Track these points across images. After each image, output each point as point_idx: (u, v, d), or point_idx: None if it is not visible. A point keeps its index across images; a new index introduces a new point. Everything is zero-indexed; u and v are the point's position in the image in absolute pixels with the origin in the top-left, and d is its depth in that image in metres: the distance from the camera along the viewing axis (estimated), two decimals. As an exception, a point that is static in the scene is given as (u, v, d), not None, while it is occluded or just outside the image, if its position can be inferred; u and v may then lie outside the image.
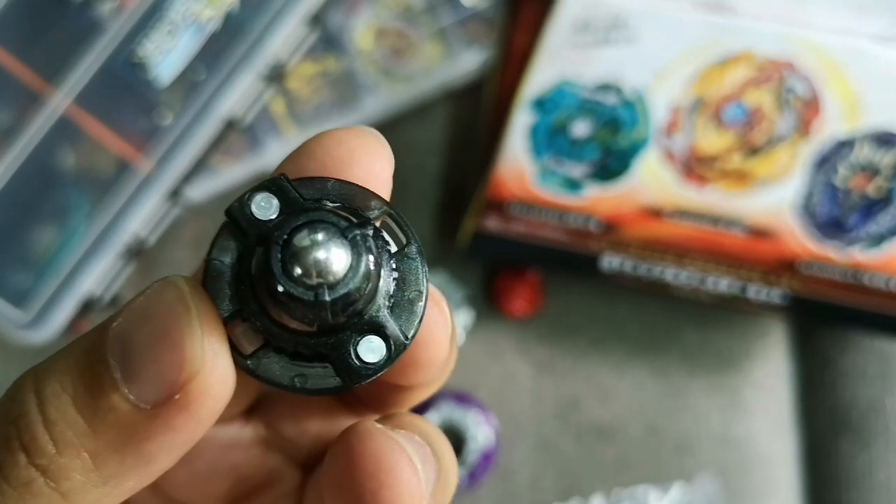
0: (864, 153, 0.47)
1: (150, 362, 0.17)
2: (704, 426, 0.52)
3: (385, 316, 0.19)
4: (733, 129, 0.47)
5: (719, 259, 0.49)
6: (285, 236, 0.18)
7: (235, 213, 0.19)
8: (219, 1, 0.46)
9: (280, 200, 0.19)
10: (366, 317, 0.19)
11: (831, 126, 0.46)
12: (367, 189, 0.20)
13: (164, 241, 0.50)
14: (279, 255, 0.18)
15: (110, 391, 0.17)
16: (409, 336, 0.19)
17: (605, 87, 0.46)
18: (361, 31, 0.52)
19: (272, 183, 0.19)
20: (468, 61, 0.52)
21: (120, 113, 0.46)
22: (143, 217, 0.46)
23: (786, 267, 0.49)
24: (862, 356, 0.53)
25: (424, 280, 0.20)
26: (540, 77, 0.46)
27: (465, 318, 0.52)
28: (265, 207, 0.19)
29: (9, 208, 0.45)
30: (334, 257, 0.18)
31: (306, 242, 0.18)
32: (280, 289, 0.18)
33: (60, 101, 0.45)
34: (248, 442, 0.24)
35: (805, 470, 0.53)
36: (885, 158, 0.47)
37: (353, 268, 0.18)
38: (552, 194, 0.48)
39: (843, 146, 0.47)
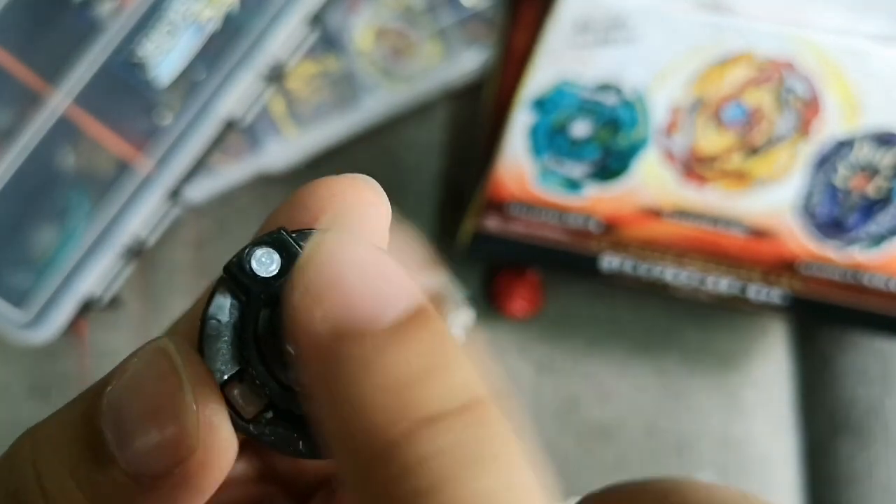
0: (863, 153, 0.47)
1: (144, 437, 0.17)
2: (704, 426, 0.52)
3: None
4: (733, 129, 0.47)
5: (719, 259, 0.49)
6: None
7: (235, 271, 0.18)
8: (219, 1, 0.46)
9: (281, 256, 0.18)
10: None
11: (831, 126, 0.46)
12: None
13: (164, 241, 0.50)
14: None
15: (108, 464, 0.17)
16: None
17: (605, 87, 0.46)
18: (361, 31, 0.52)
19: (272, 237, 0.18)
20: (468, 61, 0.52)
21: (120, 113, 0.46)
22: (142, 217, 0.46)
23: (786, 267, 0.49)
24: (862, 356, 0.53)
25: None
26: (540, 77, 0.46)
27: (465, 318, 0.52)
28: (266, 263, 0.18)
29: (9, 208, 0.45)
30: None
31: None
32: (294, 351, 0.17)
33: (60, 101, 0.45)
34: (243, 477, 0.23)
35: (805, 470, 0.53)
36: (885, 158, 0.47)
37: None
38: (552, 194, 0.48)
39: (843, 146, 0.47)
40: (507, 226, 0.49)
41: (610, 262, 0.49)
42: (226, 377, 0.18)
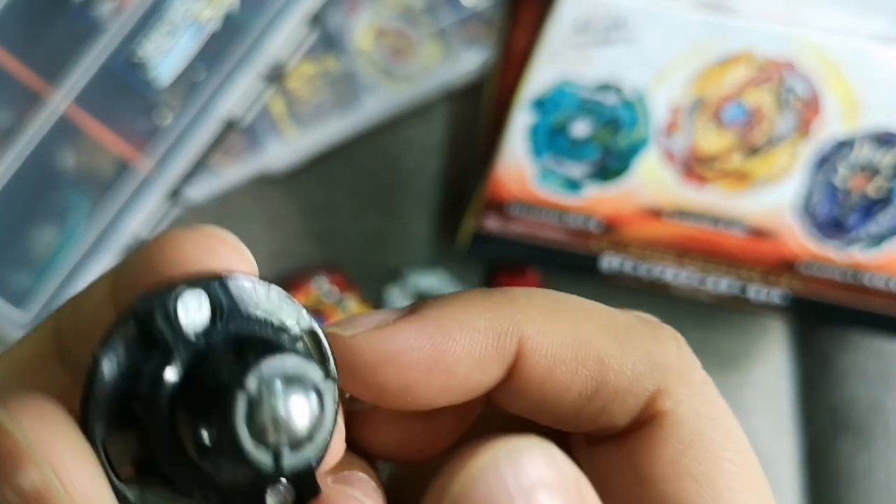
0: (863, 153, 0.47)
1: None
2: (704, 426, 0.52)
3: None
4: (733, 129, 0.47)
5: (719, 259, 0.49)
6: (254, 387, 0.14)
7: (158, 314, 0.15)
8: (219, 1, 0.46)
9: (212, 307, 0.16)
10: None
11: (831, 126, 0.46)
12: (289, 296, 0.17)
13: (164, 241, 0.50)
14: (244, 407, 0.14)
15: None
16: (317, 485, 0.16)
17: (605, 87, 0.46)
18: (361, 31, 0.52)
19: (209, 283, 0.16)
20: (468, 61, 0.52)
21: (120, 113, 0.46)
22: (143, 217, 0.46)
23: (786, 267, 0.49)
24: (862, 356, 0.53)
25: (335, 418, 0.17)
26: (540, 77, 0.46)
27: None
28: (194, 313, 0.15)
29: (9, 208, 0.45)
30: (305, 416, 0.15)
31: (280, 395, 0.14)
32: (237, 445, 0.14)
33: (60, 101, 0.45)
34: None
35: (805, 470, 0.53)
36: (885, 158, 0.47)
37: (321, 429, 0.15)
38: (552, 194, 0.48)
39: (843, 146, 0.47)
40: (507, 226, 0.49)
41: (610, 262, 0.49)
42: (108, 432, 0.15)
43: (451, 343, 0.18)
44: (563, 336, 0.19)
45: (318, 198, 0.53)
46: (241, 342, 0.16)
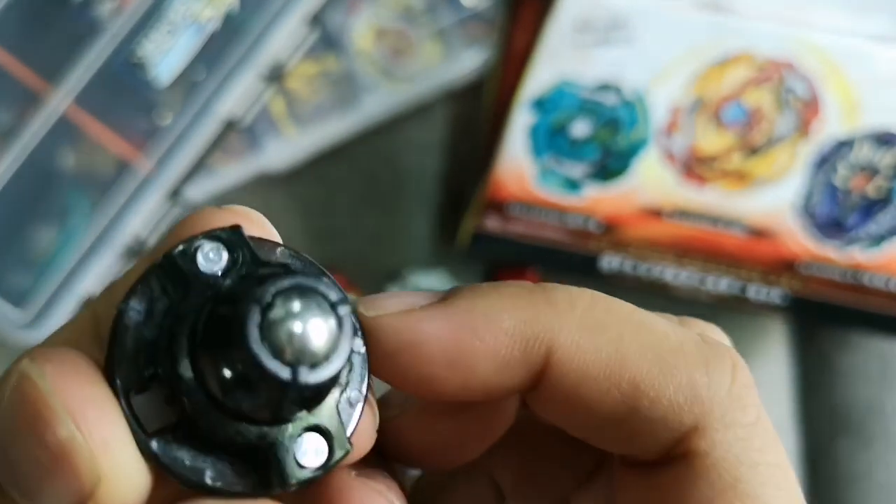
0: (863, 153, 0.47)
1: (40, 479, 0.15)
2: (704, 426, 0.52)
3: (333, 414, 0.16)
4: (733, 129, 0.47)
5: (719, 259, 0.49)
6: (269, 298, 0.15)
7: (178, 261, 0.16)
8: (219, 1, 0.46)
9: (231, 255, 0.16)
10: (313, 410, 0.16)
11: (831, 126, 0.46)
12: (316, 264, 0.17)
13: (164, 241, 0.50)
14: (258, 319, 0.15)
15: None
16: (351, 443, 0.17)
17: (605, 87, 0.46)
18: (361, 31, 0.52)
19: (227, 234, 0.16)
20: (468, 61, 0.52)
21: (120, 113, 0.46)
22: (143, 217, 0.46)
23: (786, 267, 0.49)
24: (862, 356, 0.53)
25: (367, 381, 0.17)
26: (540, 77, 0.46)
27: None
28: (213, 260, 0.16)
29: (9, 208, 0.45)
30: (321, 332, 0.15)
31: (295, 308, 0.15)
32: (254, 360, 0.14)
33: (60, 101, 0.45)
34: None
35: (805, 470, 0.53)
36: (884, 158, 0.47)
37: (338, 349, 0.15)
38: (552, 194, 0.48)
39: (843, 146, 0.47)
40: (507, 226, 0.49)
41: (610, 262, 0.49)
42: (133, 385, 0.16)
43: (475, 341, 0.17)
44: (598, 351, 0.17)
45: (318, 198, 0.53)
46: (258, 276, 0.16)
